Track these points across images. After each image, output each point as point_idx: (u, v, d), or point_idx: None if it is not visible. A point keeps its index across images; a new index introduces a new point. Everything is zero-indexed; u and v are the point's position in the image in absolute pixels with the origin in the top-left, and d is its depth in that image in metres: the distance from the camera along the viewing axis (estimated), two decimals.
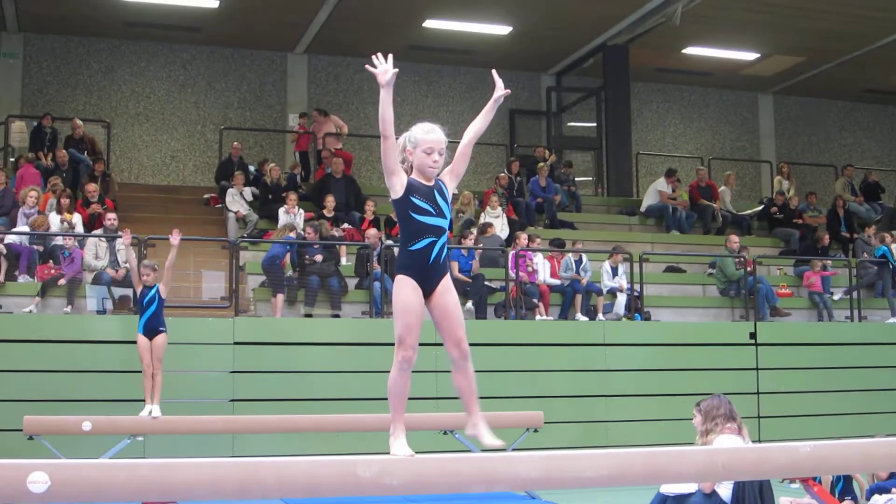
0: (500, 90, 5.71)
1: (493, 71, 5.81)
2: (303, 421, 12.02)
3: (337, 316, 15.00)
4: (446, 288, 5.41)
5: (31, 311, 13.64)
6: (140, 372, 11.72)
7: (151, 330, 11.46)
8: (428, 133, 5.53)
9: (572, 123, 24.42)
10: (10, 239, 14.59)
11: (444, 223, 5.41)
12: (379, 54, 5.25)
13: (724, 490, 7.67)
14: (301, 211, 17.11)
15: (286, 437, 12.77)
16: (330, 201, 17.48)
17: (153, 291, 11.56)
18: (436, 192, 5.43)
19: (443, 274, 5.41)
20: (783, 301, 17.67)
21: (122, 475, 5.41)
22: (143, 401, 11.64)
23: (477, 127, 5.78)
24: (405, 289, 5.47)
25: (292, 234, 15.62)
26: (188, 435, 12.11)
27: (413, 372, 13.06)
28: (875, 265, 18.42)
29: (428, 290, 5.43)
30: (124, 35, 21.13)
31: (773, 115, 25.97)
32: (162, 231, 16.11)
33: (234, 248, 14.63)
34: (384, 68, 5.29)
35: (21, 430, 10.78)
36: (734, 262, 17.38)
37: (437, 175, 5.49)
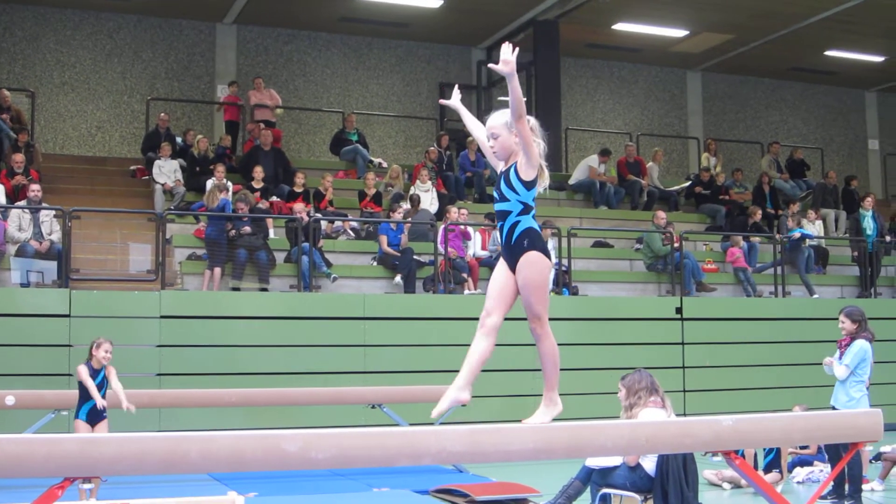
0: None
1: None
2: (229, 395, 11.96)
3: (265, 290, 14.92)
4: (520, 266, 5.50)
5: None
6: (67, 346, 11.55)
7: (96, 415, 9.55)
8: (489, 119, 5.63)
9: (503, 98, 24.42)
10: None
11: (506, 206, 5.52)
12: (507, 44, 5.24)
13: (649, 463, 7.77)
14: (229, 183, 16.97)
15: (213, 412, 12.71)
16: (258, 173, 17.35)
17: (102, 374, 9.59)
18: (502, 177, 5.56)
19: (519, 253, 5.50)
20: (709, 276, 17.88)
21: (43, 450, 5.35)
22: (68, 375, 11.46)
23: (474, 128, 6.00)
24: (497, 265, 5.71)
25: (224, 196, 15.49)
26: (113, 409, 11.99)
27: (343, 346, 13.19)
28: (790, 246, 18.63)
29: (512, 268, 5.56)
30: (49, 2, 20.76)
31: (701, 92, 26.20)
32: (87, 203, 15.96)
33: (161, 221, 14.47)
34: (506, 59, 5.22)
35: None
36: (661, 237, 17.54)
37: (508, 160, 5.56)
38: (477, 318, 14.52)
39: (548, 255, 5.59)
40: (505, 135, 5.46)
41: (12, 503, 7.45)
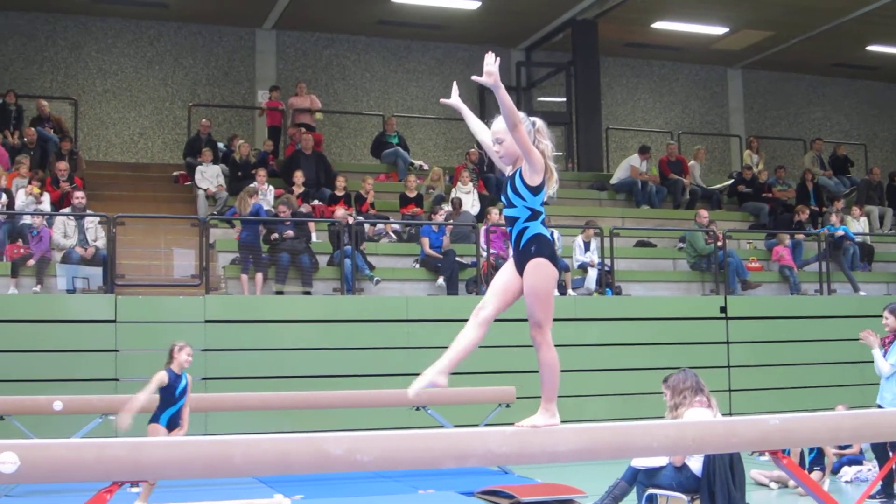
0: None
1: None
2: (274, 398, 12.01)
3: (308, 293, 14.96)
4: (526, 272, 5.47)
5: (12, 293, 13.59)
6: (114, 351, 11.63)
7: (174, 422, 9.31)
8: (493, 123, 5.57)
9: (542, 98, 24.39)
10: None
11: (513, 212, 5.48)
12: (489, 54, 5.22)
13: (695, 463, 7.73)
14: (271, 187, 17.05)
15: (258, 415, 12.74)
16: (299, 177, 17.41)
17: (184, 380, 9.39)
18: (508, 183, 5.52)
19: (527, 259, 5.45)
20: (753, 275, 17.75)
21: (92, 454, 5.39)
22: (114, 380, 11.56)
23: (478, 131, 5.94)
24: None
25: (256, 200, 15.55)
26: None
27: (386, 349, 13.19)
28: (832, 243, 18.44)
29: (521, 272, 5.52)
30: (91, 11, 20.93)
31: (743, 90, 26.02)
32: (131, 209, 16.07)
33: (204, 226, 14.56)
34: (489, 70, 5.19)
35: None
36: (704, 236, 17.43)
37: (514, 164, 5.52)
38: (521, 320, 14.48)
39: (556, 261, 5.54)
40: (510, 139, 5.38)
41: None
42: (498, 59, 5.18)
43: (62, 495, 9.18)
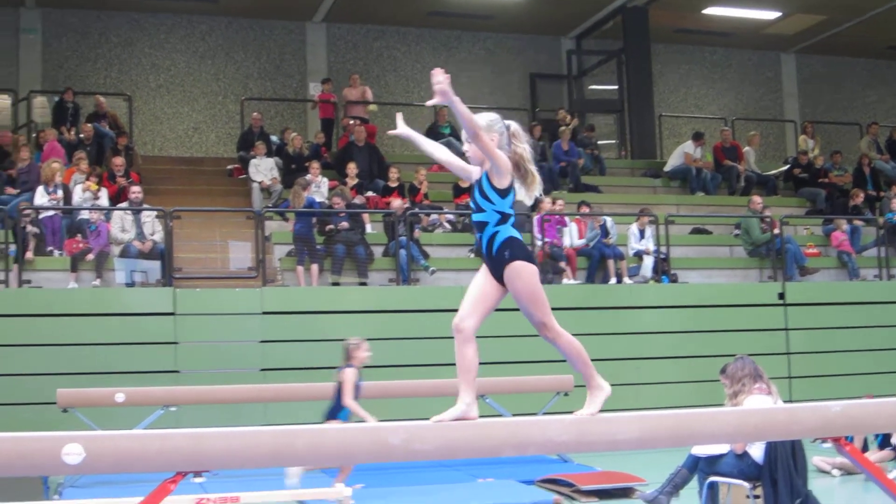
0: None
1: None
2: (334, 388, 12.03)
3: (364, 284, 15.02)
4: (507, 280, 5.41)
5: (72, 287, 13.77)
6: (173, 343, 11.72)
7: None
8: None
9: (593, 86, 24.29)
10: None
11: (482, 217, 5.46)
12: (435, 70, 5.21)
13: (756, 451, 7.66)
14: (324, 180, 17.12)
15: (317, 406, 12.77)
16: (352, 169, 17.47)
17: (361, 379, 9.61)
18: (475, 186, 5.51)
19: (502, 265, 5.41)
20: (811, 261, 17.58)
21: (155, 445, 5.45)
22: (174, 372, 11.67)
23: (434, 152, 5.91)
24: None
25: (308, 193, 15.63)
26: (220, 405, 12.19)
27: (443, 338, 13.06)
28: (891, 228, 18.21)
29: (497, 278, 5.48)
30: (142, 7, 21.10)
31: (796, 74, 25.75)
32: (186, 203, 16.19)
33: (260, 219, 14.65)
34: (437, 89, 5.20)
35: (55, 403, 10.86)
36: (759, 223, 17.29)
37: (482, 166, 5.51)
38: (576, 308, 14.53)
39: (532, 259, 5.46)
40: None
41: (127, 497, 7.60)
42: (446, 75, 5.17)
43: (126, 486, 9.28)
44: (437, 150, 5.86)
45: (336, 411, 9.09)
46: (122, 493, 8.42)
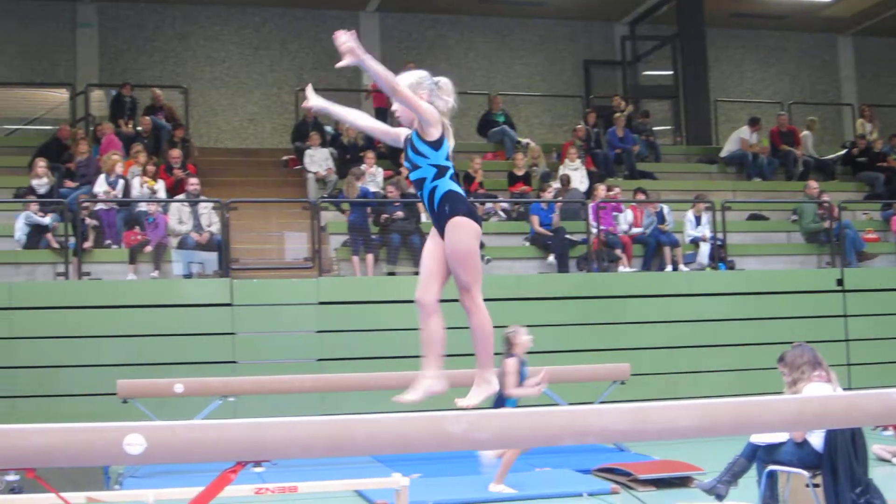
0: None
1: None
2: (390, 378, 12.06)
3: (419, 273, 14.99)
4: (446, 234, 5.30)
5: (131, 279, 13.92)
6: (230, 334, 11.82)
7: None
8: None
9: (648, 72, 24.14)
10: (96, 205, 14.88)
11: (419, 174, 5.36)
12: (338, 33, 5.14)
13: (816, 439, 7.59)
14: (379, 169, 17.15)
15: (373, 395, 12.81)
16: None
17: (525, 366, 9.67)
18: (408, 146, 5.42)
19: (444, 220, 5.29)
20: (870, 246, 17.37)
21: (215, 435, 5.49)
22: (232, 362, 11.76)
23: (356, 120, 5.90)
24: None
25: (362, 183, 15.68)
26: (277, 395, 12.26)
27: (497, 327, 12.94)
28: None
29: (442, 236, 5.35)
30: (197, 0, 21.26)
31: (854, 57, 25.42)
32: (242, 194, 16.31)
33: (315, 209, 14.72)
34: (345, 49, 5.14)
35: (115, 394, 10.99)
36: (815, 209, 17.10)
37: (412, 125, 5.44)
38: (633, 296, 14.44)
39: (475, 217, 5.31)
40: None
41: (187, 487, 7.66)
42: (351, 32, 5.12)
43: (185, 475, 9.37)
44: (358, 118, 5.82)
45: (502, 401, 9.10)
46: (182, 483, 8.49)
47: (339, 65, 5.15)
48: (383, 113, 20.08)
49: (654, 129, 22.35)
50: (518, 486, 9.73)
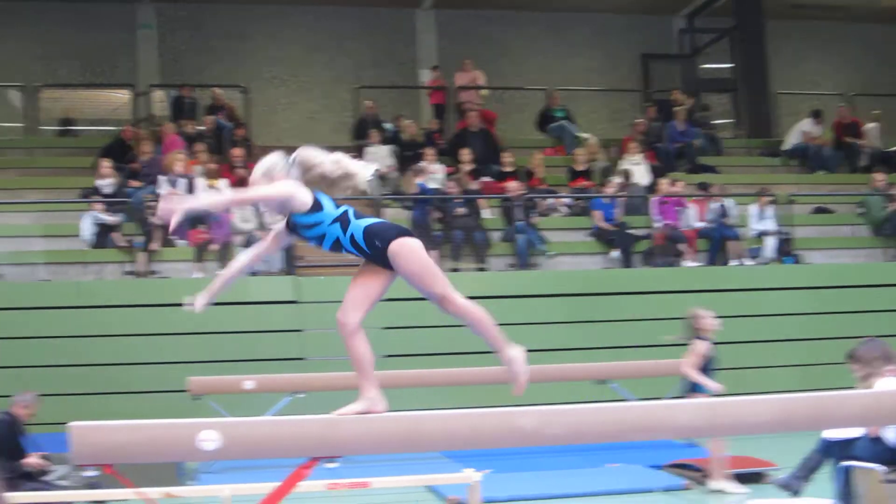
0: None
1: None
2: (459, 374, 12.09)
3: (482, 269, 15.04)
4: (396, 265, 5.28)
5: (196, 277, 14.06)
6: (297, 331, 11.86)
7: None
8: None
9: (707, 65, 23.94)
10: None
11: (329, 239, 5.34)
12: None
13: (891, 434, 7.49)
14: (439, 166, 17.17)
15: (441, 392, 12.86)
16: (466, 154, 17.48)
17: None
18: (296, 230, 5.42)
19: (382, 253, 5.28)
20: None
21: (290, 431, 5.54)
22: (299, 359, 11.81)
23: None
24: None
25: (418, 179, 15.72)
26: (345, 392, 12.28)
27: (563, 323, 12.87)
28: None
29: (384, 266, 5.35)
30: (255, 0, 21.40)
31: None
32: None
33: (377, 206, 14.76)
34: (160, 209, 5.07)
35: (186, 391, 11.09)
36: (881, 201, 16.88)
37: (284, 211, 5.41)
38: (698, 291, 14.26)
39: (407, 232, 5.22)
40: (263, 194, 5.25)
41: (260, 483, 7.72)
42: (168, 195, 5.19)
43: (258, 471, 9.42)
44: (241, 263, 5.72)
45: (693, 387, 9.09)
46: (255, 479, 8.56)
47: (171, 230, 5.15)
48: (441, 110, 20.18)
49: (715, 122, 22.17)
50: (590, 482, 9.70)
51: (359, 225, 5.19)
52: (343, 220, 5.20)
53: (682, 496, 9.33)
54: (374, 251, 5.18)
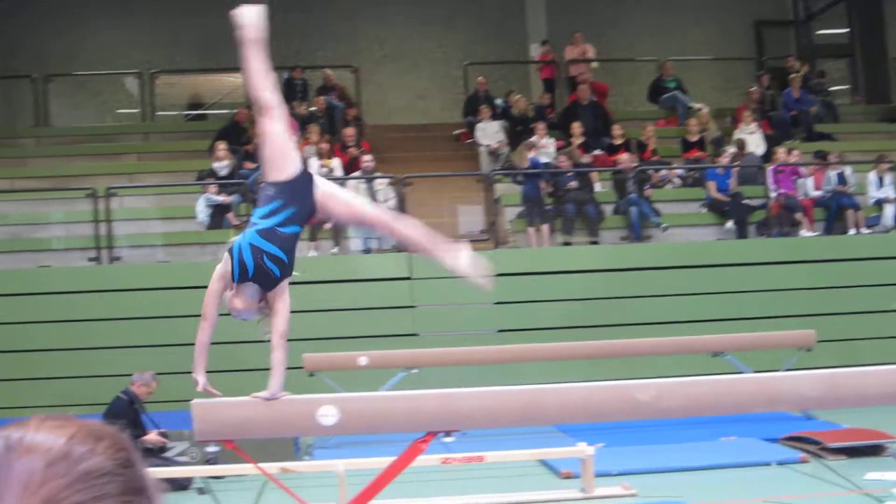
0: None
1: None
2: (572, 348, 12.07)
3: (595, 243, 14.98)
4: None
5: (311, 255, 14.26)
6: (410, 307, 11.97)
7: None
8: None
9: (822, 31, 23.43)
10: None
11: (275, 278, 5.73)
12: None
13: None
14: (551, 140, 17.13)
15: (553, 366, 12.86)
16: (577, 128, 17.40)
17: None
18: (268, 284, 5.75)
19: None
20: None
21: (407, 406, 5.61)
22: (412, 335, 11.91)
23: None
24: None
25: (529, 153, 15.71)
26: (457, 367, 12.38)
27: (676, 295, 12.84)
28: None
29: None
30: None
31: None
32: (415, 169, 16.46)
33: (489, 181, 14.79)
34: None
35: (301, 368, 11.26)
36: None
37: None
38: (816, 261, 14.04)
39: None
40: None
41: (376, 458, 7.82)
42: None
43: (373, 446, 9.55)
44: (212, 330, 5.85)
45: None
46: (370, 454, 8.68)
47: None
48: (552, 84, 20.10)
49: (831, 89, 21.71)
50: (706, 455, 9.64)
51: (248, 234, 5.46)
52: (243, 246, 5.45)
53: (798, 469, 9.20)
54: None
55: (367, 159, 15.54)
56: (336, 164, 16.07)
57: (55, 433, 1.14)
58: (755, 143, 17.28)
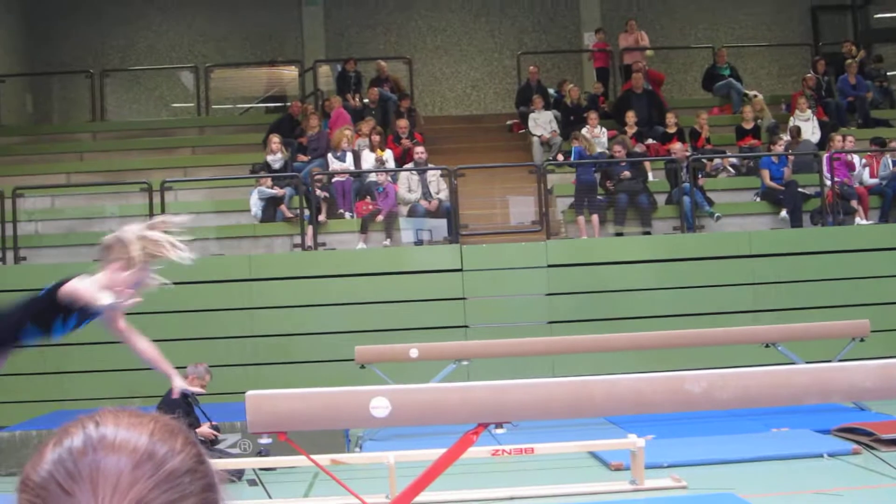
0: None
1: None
2: (623, 339, 12.01)
3: (648, 233, 14.90)
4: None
5: (361, 248, 14.31)
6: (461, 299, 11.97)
7: None
8: None
9: (879, 15, 23.11)
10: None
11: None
12: None
13: None
14: (604, 129, 17.05)
15: (604, 357, 12.80)
16: (631, 117, 17.30)
17: None
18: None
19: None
20: None
21: (459, 397, 5.62)
22: (464, 327, 11.91)
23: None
24: None
25: (574, 144, 15.70)
26: (508, 358, 12.37)
27: (730, 286, 12.73)
28: None
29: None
30: None
31: None
32: (468, 160, 16.46)
33: (541, 172, 14.75)
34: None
35: (352, 360, 11.31)
36: None
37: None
38: (875, 250, 13.88)
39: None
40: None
41: (426, 449, 7.84)
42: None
43: (423, 438, 9.58)
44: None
45: None
46: (420, 446, 8.70)
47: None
48: (605, 73, 19.99)
49: (888, 74, 21.41)
50: (757, 447, 9.55)
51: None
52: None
53: (851, 461, 9.10)
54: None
55: (420, 150, 15.55)
56: (389, 155, 16.12)
57: (136, 430, 1.17)
58: (810, 130, 17.10)
